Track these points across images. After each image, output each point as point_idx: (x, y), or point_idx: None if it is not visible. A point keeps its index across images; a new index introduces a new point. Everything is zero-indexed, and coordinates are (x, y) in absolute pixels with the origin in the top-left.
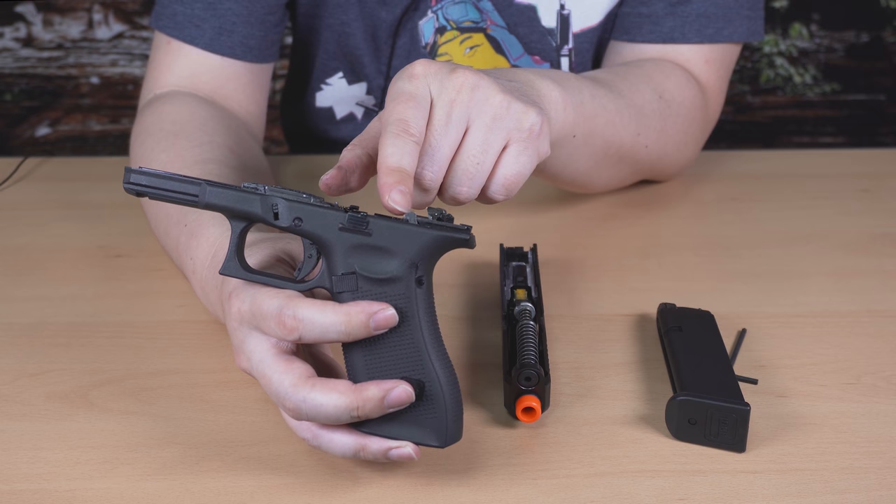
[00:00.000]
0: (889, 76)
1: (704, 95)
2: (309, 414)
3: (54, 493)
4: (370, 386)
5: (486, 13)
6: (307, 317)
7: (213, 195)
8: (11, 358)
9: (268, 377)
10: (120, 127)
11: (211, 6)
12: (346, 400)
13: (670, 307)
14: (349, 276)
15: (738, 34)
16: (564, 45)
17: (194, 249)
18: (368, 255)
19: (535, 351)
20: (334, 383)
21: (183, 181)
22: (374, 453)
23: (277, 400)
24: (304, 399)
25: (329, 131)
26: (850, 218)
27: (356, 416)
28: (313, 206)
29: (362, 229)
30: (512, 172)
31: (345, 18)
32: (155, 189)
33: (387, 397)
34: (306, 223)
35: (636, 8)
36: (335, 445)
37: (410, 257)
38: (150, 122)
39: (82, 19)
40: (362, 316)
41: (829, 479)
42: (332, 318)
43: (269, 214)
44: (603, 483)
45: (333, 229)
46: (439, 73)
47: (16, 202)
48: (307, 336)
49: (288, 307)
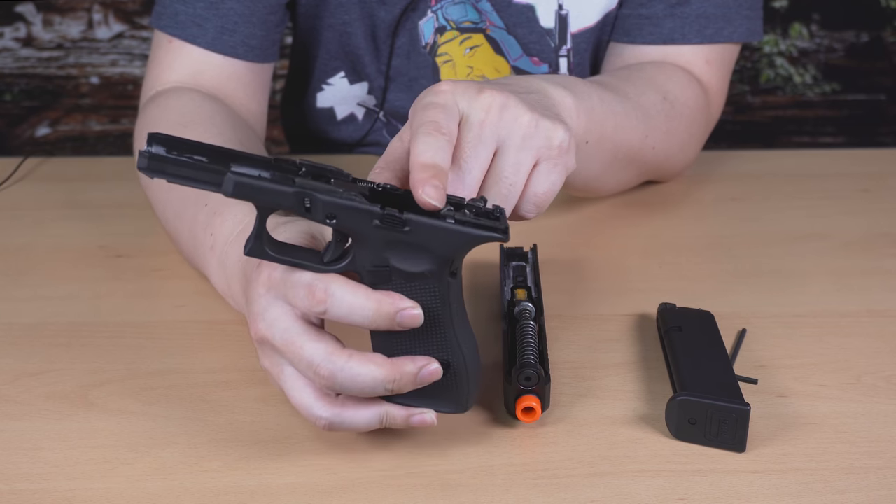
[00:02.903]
0: (889, 76)
1: (706, 96)
2: (343, 384)
3: (54, 493)
4: (406, 361)
5: (485, 14)
6: (338, 294)
7: (240, 189)
8: (11, 358)
9: (298, 344)
10: (120, 127)
11: (213, 6)
12: (384, 372)
13: (670, 307)
14: (383, 270)
15: (737, 34)
16: (563, 46)
17: (217, 226)
18: (403, 250)
19: (535, 351)
20: (371, 356)
21: (208, 170)
22: (397, 419)
23: (309, 367)
24: (342, 368)
25: (330, 132)
26: (850, 218)
27: (390, 389)
28: (348, 203)
29: (399, 228)
30: (543, 190)
31: (346, 18)
32: (176, 177)
33: (420, 373)
34: (340, 221)
35: (636, 10)
36: (359, 418)
37: (447, 255)
38: (156, 115)
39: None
40: (391, 308)
41: (830, 479)
42: (363, 301)
43: (301, 208)
44: (603, 483)
45: (368, 226)
46: (467, 92)
47: (16, 202)
48: (333, 312)
49: (321, 280)
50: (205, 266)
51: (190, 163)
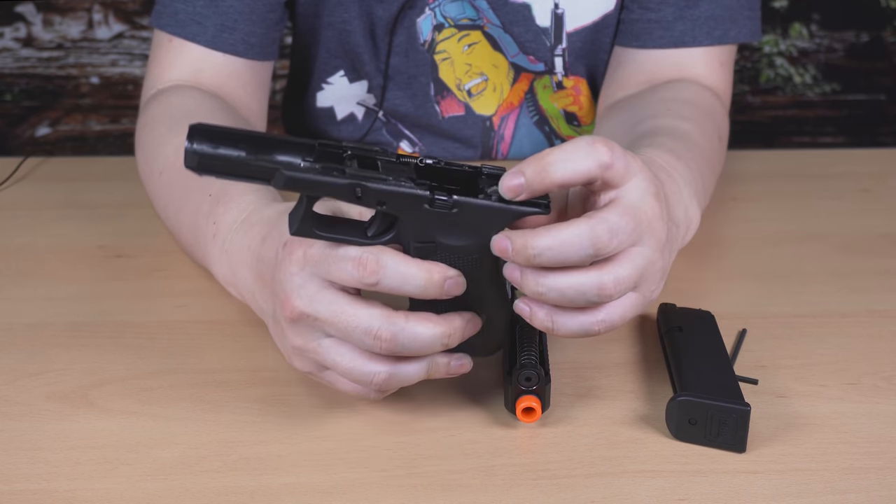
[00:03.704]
0: (889, 76)
1: (721, 102)
2: (405, 343)
3: (54, 493)
4: (454, 316)
5: (482, 11)
6: (390, 264)
7: (293, 183)
8: (11, 358)
9: (351, 313)
10: (120, 127)
11: (212, 3)
12: (441, 329)
13: (670, 307)
14: (429, 245)
15: (742, 34)
16: (558, 45)
17: (220, 215)
18: (450, 227)
19: (536, 351)
20: (424, 314)
21: (257, 165)
22: (440, 366)
23: (367, 333)
24: (403, 328)
25: (330, 131)
26: (850, 218)
27: (446, 343)
28: (399, 190)
29: (448, 209)
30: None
31: (345, 16)
32: (225, 174)
33: (466, 326)
34: (390, 206)
35: (644, 14)
36: (410, 373)
37: (491, 230)
38: (158, 112)
39: (82, 19)
40: (440, 277)
41: (830, 479)
42: (415, 270)
43: (352, 197)
44: (603, 483)
45: (418, 209)
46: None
47: (16, 202)
48: (386, 282)
49: (371, 252)
50: (206, 255)
51: (239, 159)
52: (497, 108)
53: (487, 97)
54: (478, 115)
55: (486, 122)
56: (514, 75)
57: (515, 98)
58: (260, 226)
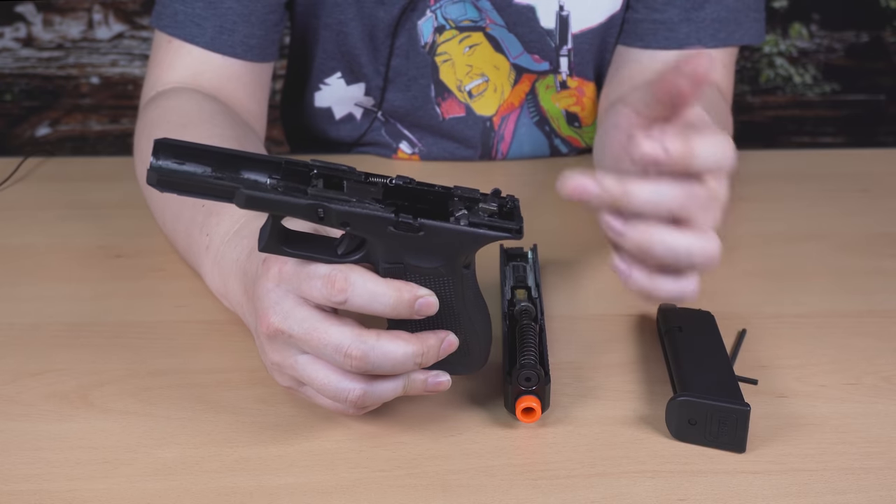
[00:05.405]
0: (889, 76)
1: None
2: (375, 362)
3: (54, 493)
4: (429, 334)
5: (485, 12)
6: (358, 282)
7: (253, 203)
8: (11, 358)
9: (322, 330)
10: (120, 127)
11: (212, 5)
12: (413, 347)
13: (670, 307)
14: (397, 266)
15: (746, 37)
16: (563, 46)
17: (213, 226)
18: (417, 250)
19: (535, 351)
20: (396, 332)
21: (218, 185)
22: (417, 383)
23: (337, 350)
24: (373, 347)
25: (328, 131)
26: (850, 218)
27: (419, 362)
28: (362, 212)
29: (413, 232)
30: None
31: (342, 18)
32: (187, 192)
33: (442, 346)
34: (354, 227)
35: (649, 15)
36: (386, 390)
37: (459, 253)
38: (156, 116)
39: (82, 19)
40: (410, 296)
41: (830, 479)
42: (384, 289)
43: (315, 217)
44: (603, 483)
45: (383, 230)
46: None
47: (16, 202)
48: (354, 300)
49: (340, 269)
50: (199, 267)
51: (200, 177)
52: (497, 109)
53: (488, 98)
54: (478, 116)
55: (486, 123)
56: (516, 76)
57: (516, 99)
58: (249, 239)
